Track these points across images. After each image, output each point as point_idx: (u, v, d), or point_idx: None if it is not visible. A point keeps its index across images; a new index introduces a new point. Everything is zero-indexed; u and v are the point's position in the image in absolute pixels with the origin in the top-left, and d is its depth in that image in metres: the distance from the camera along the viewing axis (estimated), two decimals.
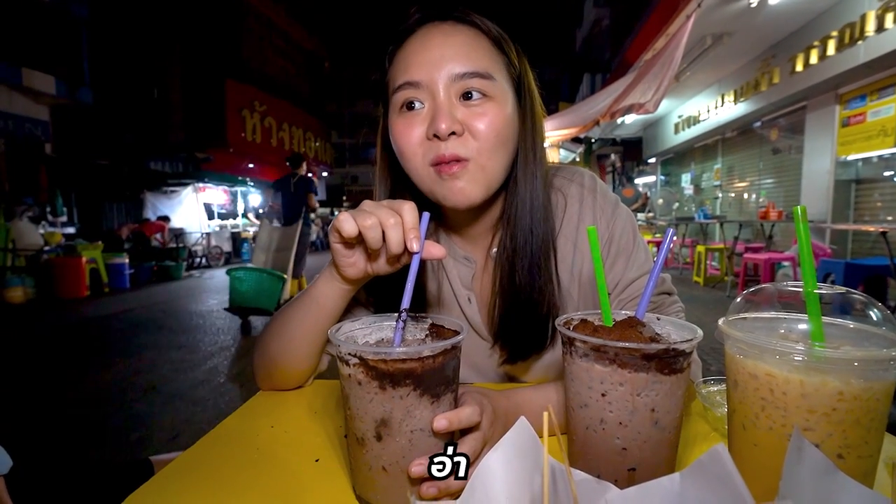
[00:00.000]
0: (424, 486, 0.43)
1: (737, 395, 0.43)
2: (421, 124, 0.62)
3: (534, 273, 0.68)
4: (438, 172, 0.62)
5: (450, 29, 0.64)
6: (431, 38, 0.63)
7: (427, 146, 0.62)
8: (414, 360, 0.42)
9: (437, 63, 0.61)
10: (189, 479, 0.51)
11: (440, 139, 0.60)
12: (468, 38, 0.63)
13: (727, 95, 7.13)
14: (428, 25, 0.65)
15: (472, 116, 0.61)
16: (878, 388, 0.35)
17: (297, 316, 0.66)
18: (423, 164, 0.63)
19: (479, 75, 0.61)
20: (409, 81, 0.62)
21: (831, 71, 4.94)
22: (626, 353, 0.40)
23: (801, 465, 0.32)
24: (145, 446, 2.24)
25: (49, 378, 3.28)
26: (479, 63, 0.62)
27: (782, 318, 0.44)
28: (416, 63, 0.62)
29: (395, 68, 0.65)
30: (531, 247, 0.68)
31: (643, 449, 0.42)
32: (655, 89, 4.67)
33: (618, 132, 10.55)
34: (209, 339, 4.28)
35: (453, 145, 0.61)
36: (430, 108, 0.62)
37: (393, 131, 0.65)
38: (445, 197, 0.63)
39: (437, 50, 0.62)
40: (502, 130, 0.63)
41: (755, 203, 7.30)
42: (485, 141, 0.62)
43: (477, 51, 0.63)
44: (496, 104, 0.63)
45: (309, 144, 17.13)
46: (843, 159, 5.40)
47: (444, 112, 0.60)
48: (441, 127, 0.59)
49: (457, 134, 0.61)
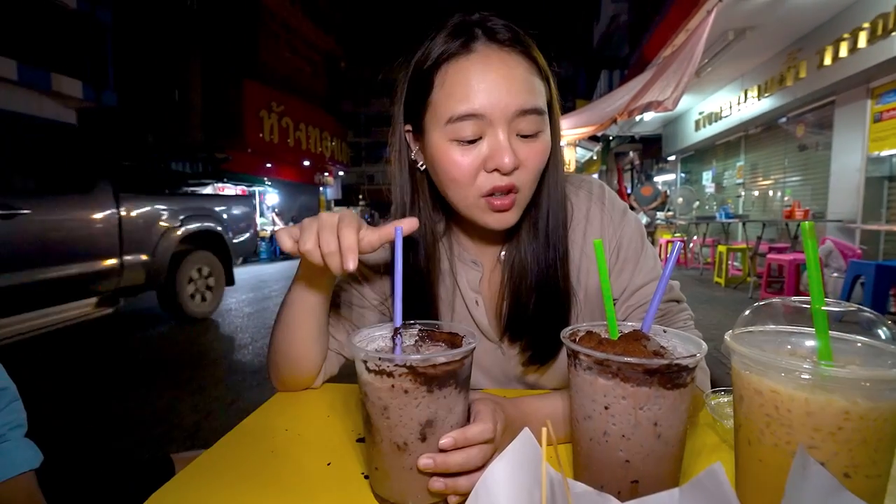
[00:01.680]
0: (433, 479, 0.46)
1: (742, 410, 0.42)
2: (477, 155, 0.62)
3: (552, 273, 0.69)
4: (490, 204, 0.64)
5: (507, 57, 0.62)
6: (491, 65, 0.61)
7: (483, 177, 0.63)
8: (457, 360, 0.46)
9: (501, 95, 0.60)
10: (208, 479, 0.53)
11: (500, 172, 0.62)
12: (525, 71, 0.63)
13: (750, 91, 6.95)
14: (483, 48, 0.62)
15: (527, 151, 0.63)
16: (885, 408, 0.35)
17: (289, 303, 0.69)
18: (475, 194, 0.64)
19: (537, 111, 0.62)
20: (472, 113, 0.60)
21: (863, 64, 4.76)
22: (628, 368, 0.40)
23: (805, 482, 0.32)
24: (167, 441, 2.31)
25: (71, 374, 3.41)
26: (537, 98, 0.63)
27: (790, 332, 0.44)
28: (478, 92, 0.60)
29: (449, 92, 0.62)
30: (550, 249, 0.70)
31: (646, 462, 0.42)
32: (675, 87, 4.59)
33: (636, 129, 10.39)
34: (227, 336, 4.38)
35: (509, 177, 0.63)
36: (490, 141, 0.62)
37: (442, 158, 0.64)
38: (487, 223, 0.66)
39: (501, 81, 0.60)
40: (545, 161, 0.66)
41: (780, 202, 7.10)
42: (533, 171, 0.64)
43: (533, 84, 0.63)
44: (545, 136, 0.65)
45: (325, 144, 17.31)
46: (875, 156, 5.21)
47: (509, 149, 0.61)
48: (506, 163, 0.60)
49: (516, 168, 0.63)
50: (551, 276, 0.70)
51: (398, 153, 0.73)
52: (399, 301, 0.53)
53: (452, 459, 0.45)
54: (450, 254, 0.77)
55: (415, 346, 0.54)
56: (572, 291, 0.72)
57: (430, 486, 0.46)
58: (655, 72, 5.34)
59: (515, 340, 0.74)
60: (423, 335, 0.55)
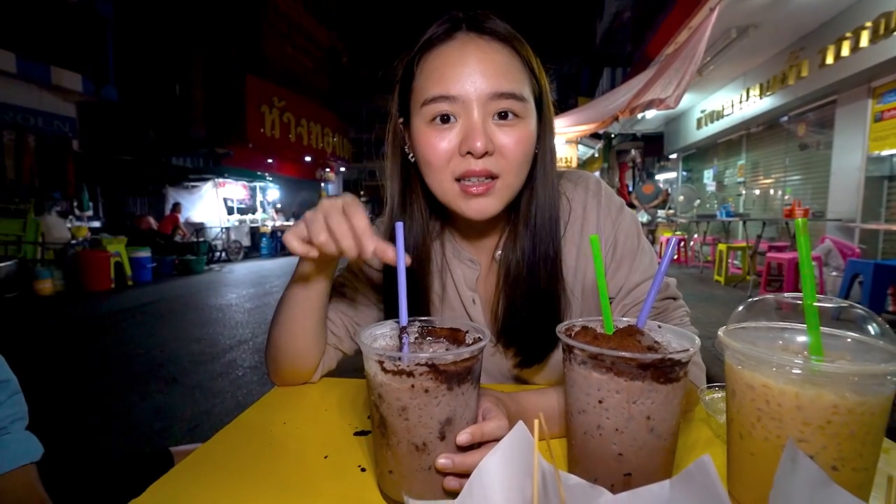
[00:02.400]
0: (448, 478, 0.46)
1: (734, 404, 0.43)
2: (452, 138, 0.63)
3: (541, 274, 0.69)
4: (463, 190, 0.64)
5: (486, 45, 0.63)
6: (468, 50, 0.62)
7: (457, 161, 0.63)
8: (475, 356, 0.46)
9: (475, 79, 0.61)
10: (206, 470, 0.54)
11: (473, 156, 0.62)
12: (505, 58, 0.63)
13: (752, 89, 6.93)
14: (462, 36, 0.63)
15: (504, 136, 0.63)
16: (873, 403, 0.35)
17: (289, 299, 0.69)
18: (449, 177, 0.65)
19: (514, 97, 0.62)
20: (445, 95, 0.61)
21: (864, 63, 4.75)
22: (622, 362, 0.41)
23: (794, 475, 0.33)
24: (167, 436, 2.32)
25: (73, 368, 3.42)
26: (515, 84, 0.63)
27: (783, 328, 0.44)
28: (452, 76, 0.61)
29: (427, 77, 0.64)
30: (540, 249, 0.69)
31: (639, 455, 0.42)
32: (677, 84, 4.58)
33: (638, 127, 10.37)
34: (228, 332, 4.39)
35: (484, 162, 0.62)
36: (463, 124, 0.62)
37: (420, 141, 0.65)
38: (464, 211, 0.66)
39: (476, 65, 0.61)
40: (528, 150, 0.65)
41: (780, 200, 7.09)
42: (513, 160, 0.64)
43: (512, 71, 0.63)
44: (526, 124, 0.64)
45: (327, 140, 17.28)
46: (876, 155, 5.20)
47: (481, 131, 0.61)
48: (477, 146, 0.60)
49: (489, 153, 0.62)
50: (542, 274, 0.70)
51: (392, 148, 0.73)
52: (404, 299, 0.52)
53: (472, 459, 0.45)
54: (446, 251, 0.78)
55: (416, 342, 0.54)
56: (564, 290, 0.72)
57: (446, 485, 0.46)
58: (658, 69, 5.33)
59: (510, 339, 0.74)
60: (423, 332, 0.55)
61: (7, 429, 0.74)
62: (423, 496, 0.46)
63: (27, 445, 0.74)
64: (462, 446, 0.46)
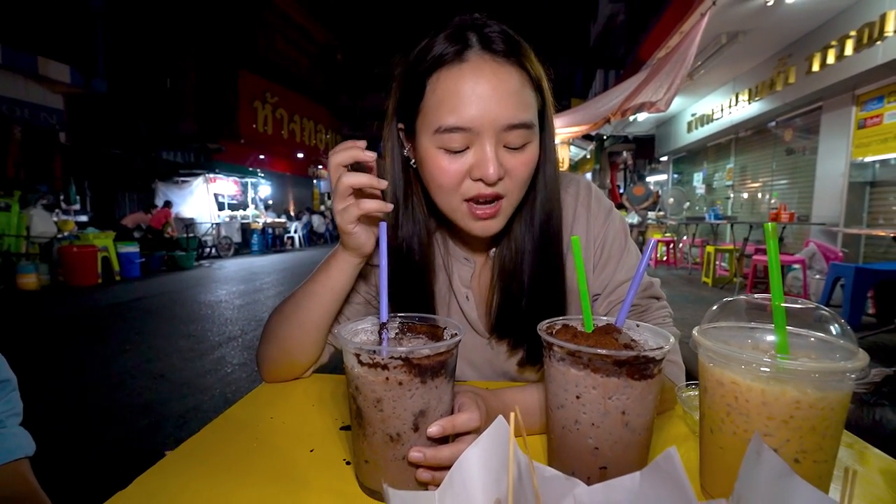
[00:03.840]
0: (420, 470, 0.48)
1: (706, 400, 0.45)
2: (463, 163, 0.63)
3: (535, 272, 0.71)
4: (471, 211, 0.66)
5: (501, 69, 0.62)
6: (482, 77, 0.61)
7: (468, 184, 0.64)
8: (449, 350, 0.48)
9: (490, 109, 0.60)
10: (193, 464, 0.55)
11: (485, 182, 0.63)
12: (517, 82, 0.62)
13: (742, 94, 7.03)
14: (476, 58, 0.62)
15: (514, 162, 0.64)
16: (833, 398, 0.37)
17: (306, 298, 0.71)
18: (458, 199, 0.66)
19: (526, 126, 0.63)
20: (460, 126, 0.61)
21: (848, 71, 4.85)
22: (598, 359, 0.42)
23: (758, 467, 0.35)
24: (154, 432, 2.30)
25: (60, 364, 3.38)
26: (527, 112, 0.63)
27: (753, 328, 0.46)
28: (467, 106, 0.61)
29: (440, 101, 0.62)
30: (534, 248, 0.71)
31: (614, 449, 0.44)
32: (667, 88, 4.63)
33: (630, 130, 10.46)
34: (217, 328, 4.37)
35: (494, 187, 0.64)
36: (476, 152, 0.63)
37: (430, 163, 0.65)
38: (470, 229, 0.68)
39: (491, 93, 0.60)
40: (534, 167, 0.67)
41: (767, 204, 7.21)
42: (519, 182, 0.66)
43: (525, 98, 0.63)
44: (533, 146, 0.65)
45: (319, 136, 17.20)
46: (859, 161, 5.32)
47: (494, 161, 0.61)
48: (490, 174, 0.61)
49: (500, 179, 0.64)
50: (546, 273, 0.71)
51: (392, 149, 0.74)
52: (385, 296, 0.54)
53: (442, 453, 0.47)
54: (443, 250, 0.79)
55: (396, 338, 0.56)
56: (566, 289, 0.73)
57: (418, 476, 0.48)
58: (649, 73, 5.38)
59: (503, 336, 0.76)
60: (404, 328, 0.57)
61: (3, 422, 0.74)
62: (397, 486, 0.48)
63: (21, 440, 0.75)
64: (433, 437, 0.47)
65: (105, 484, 0.86)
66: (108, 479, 0.86)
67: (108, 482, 0.86)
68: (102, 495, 0.48)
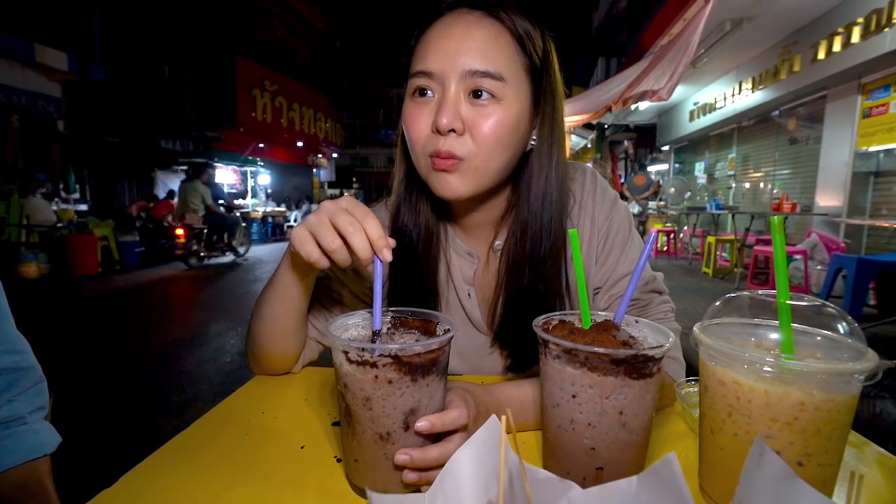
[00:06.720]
0: (406, 472, 0.46)
1: (707, 399, 0.43)
2: (430, 114, 0.63)
3: (543, 267, 0.68)
4: (432, 163, 0.63)
5: (474, 21, 0.62)
6: (453, 27, 0.62)
7: (430, 137, 0.63)
8: (441, 347, 0.46)
9: (454, 56, 0.61)
10: (180, 460, 0.53)
11: (440, 133, 0.61)
12: (490, 34, 0.62)
13: (745, 83, 6.94)
14: (455, 12, 0.64)
15: (475, 116, 0.61)
16: (839, 400, 0.36)
17: (270, 298, 0.68)
18: (423, 152, 0.64)
19: (491, 76, 0.60)
20: (424, 71, 0.62)
21: (855, 59, 4.77)
22: (595, 358, 0.41)
23: (760, 470, 0.33)
24: (152, 421, 2.31)
25: (60, 353, 3.38)
26: (495, 63, 0.61)
27: (756, 324, 0.45)
28: (433, 52, 0.62)
29: (416, 53, 0.65)
30: (543, 240, 0.68)
31: (611, 449, 0.43)
32: (670, 76, 4.56)
33: (631, 118, 10.35)
34: (216, 317, 4.37)
35: (451, 143, 0.61)
36: (438, 98, 0.62)
37: (404, 115, 0.66)
38: (434, 187, 0.65)
39: (456, 42, 0.61)
40: (504, 134, 0.62)
41: (769, 194, 7.16)
42: (483, 144, 0.61)
43: (495, 49, 0.61)
44: (503, 107, 0.61)
45: (319, 125, 17.04)
46: (863, 151, 5.26)
47: (448, 106, 0.60)
48: (442, 122, 0.59)
49: (457, 132, 0.61)
50: (546, 268, 0.68)
51: (400, 135, 0.72)
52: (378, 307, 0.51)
53: (430, 454, 0.45)
54: (445, 244, 0.77)
55: (388, 333, 0.54)
56: (565, 287, 0.71)
57: (404, 478, 0.46)
58: (651, 61, 5.30)
59: (506, 333, 0.73)
60: (396, 322, 0.55)
61: (25, 418, 0.70)
62: (387, 485, 0.47)
63: (44, 436, 0.71)
64: (421, 434, 0.46)
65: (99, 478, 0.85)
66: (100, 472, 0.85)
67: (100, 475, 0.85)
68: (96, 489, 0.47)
